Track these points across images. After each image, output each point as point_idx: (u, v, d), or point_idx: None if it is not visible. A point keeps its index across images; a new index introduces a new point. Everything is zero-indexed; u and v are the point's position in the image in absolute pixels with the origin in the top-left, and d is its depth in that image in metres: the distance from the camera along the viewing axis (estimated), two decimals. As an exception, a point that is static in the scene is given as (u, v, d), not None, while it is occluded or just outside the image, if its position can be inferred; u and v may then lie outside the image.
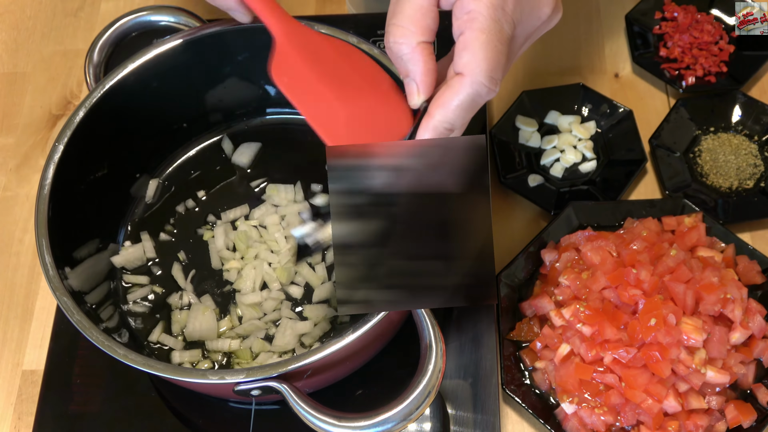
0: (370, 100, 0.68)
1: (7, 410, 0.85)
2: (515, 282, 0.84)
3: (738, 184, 0.91)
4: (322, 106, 0.67)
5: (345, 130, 0.66)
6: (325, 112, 0.67)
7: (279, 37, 0.71)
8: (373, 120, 0.67)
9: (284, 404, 0.63)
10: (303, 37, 0.72)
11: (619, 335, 0.75)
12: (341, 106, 0.67)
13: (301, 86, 0.69)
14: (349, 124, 0.67)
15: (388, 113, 0.67)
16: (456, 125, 0.61)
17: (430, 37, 0.62)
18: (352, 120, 0.67)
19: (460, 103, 0.60)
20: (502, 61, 0.60)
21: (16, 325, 0.90)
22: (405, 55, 0.62)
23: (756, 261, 0.82)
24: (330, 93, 0.68)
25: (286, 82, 0.69)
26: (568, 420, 0.76)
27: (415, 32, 0.61)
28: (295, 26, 0.72)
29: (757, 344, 0.77)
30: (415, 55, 0.61)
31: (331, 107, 0.67)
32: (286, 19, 0.72)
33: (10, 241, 0.96)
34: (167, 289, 0.85)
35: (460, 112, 0.60)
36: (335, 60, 0.71)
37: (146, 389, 0.80)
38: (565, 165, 0.93)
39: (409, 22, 0.61)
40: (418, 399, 0.61)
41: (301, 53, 0.70)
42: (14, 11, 1.15)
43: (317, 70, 0.69)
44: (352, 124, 0.67)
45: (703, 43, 0.99)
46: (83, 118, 0.78)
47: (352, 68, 0.71)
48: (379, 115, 0.67)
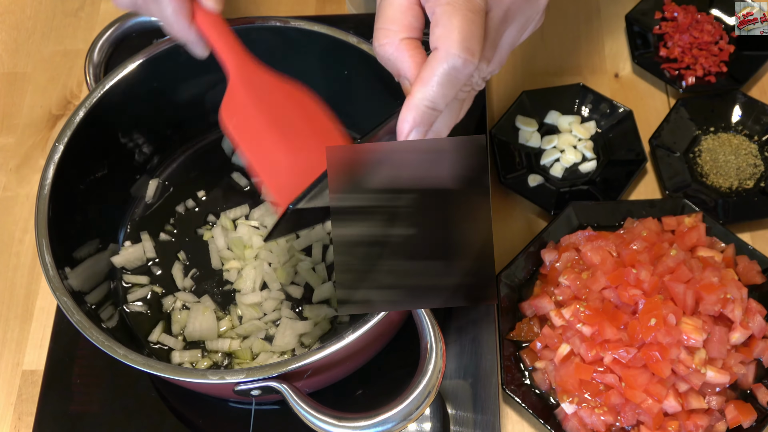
0: (312, 150, 0.68)
1: (7, 410, 0.85)
2: (515, 282, 0.84)
3: (738, 184, 0.91)
4: (266, 151, 0.68)
5: (287, 178, 0.67)
6: (268, 158, 0.68)
7: (233, 77, 0.72)
8: (314, 169, 0.65)
9: (284, 404, 0.63)
10: (257, 77, 0.72)
11: (619, 335, 0.75)
12: (284, 155, 0.68)
13: (248, 129, 0.70)
14: (291, 172, 0.68)
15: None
16: (438, 103, 0.59)
17: (415, 34, 0.61)
18: (293, 168, 0.68)
19: (439, 79, 0.58)
20: (476, 31, 0.58)
21: (16, 325, 0.90)
22: (391, 55, 0.61)
23: (756, 261, 0.82)
24: (274, 139, 0.69)
25: (234, 123, 0.70)
26: (568, 420, 0.76)
27: (397, 31, 0.60)
28: (251, 66, 0.73)
29: (757, 344, 0.77)
30: (401, 53, 0.60)
31: (274, 154, 0.68)
32: (244, 58, 0.73)
33: (10, 241, 0.96)
34: (167, 289, 0.85)
35: (440, 89, 0.58)
36: (284, 104, 0.71)
37: (146, 389, 0.80)
38: (565, 165, 0.93)
39: (390, 23, 0.61)
40: (418, 399, 0.61)
41: (252, 95, 0.71)
42: (14, 11, 1.15)
43: (265, 113, 0.70)
44: (293, 172, 0.68)
45: (703, 43, 0.99)
46: (83, 118, 0.78)
47: (300, 113, 0.71)
48: (321, 163, 0.65)
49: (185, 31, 0.73)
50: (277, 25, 0.82)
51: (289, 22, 0.82)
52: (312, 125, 0.71)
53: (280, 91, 0.72)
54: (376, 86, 0.81)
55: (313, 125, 0.71)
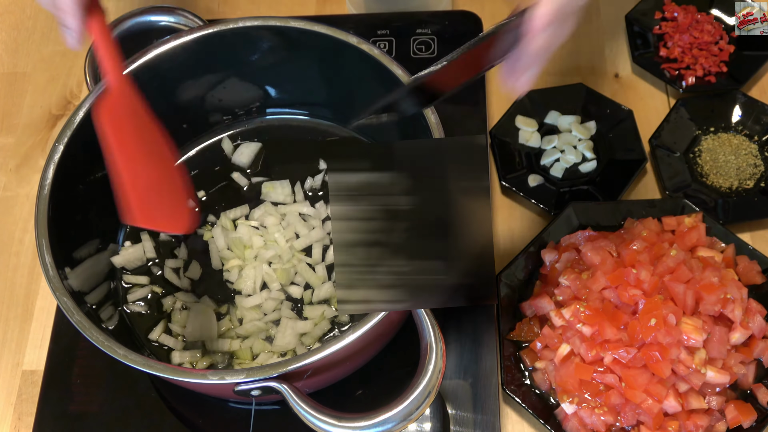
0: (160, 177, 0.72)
1: (7, 410, 0.85)
2: (515, 282, 0.84)
3: (738, 184, 0.91)
4: (130, 160, 0.70)
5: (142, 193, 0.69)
6: (132, 168, 0.69)
7: (113, 84, 0.72)
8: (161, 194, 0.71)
9: (284, 404, 0.63)
10: (130, 91, 0.73)
11: (619, 335, 0.75)
12: (143, 170, 0.70)
13: (121, 133, 0.71)
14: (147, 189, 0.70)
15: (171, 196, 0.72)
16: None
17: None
18: (148, 188, 0.70)
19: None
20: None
21: (16, 325, 0.90)
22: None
23: (756, 261, 0.82)
24: (138, 152, 0.71)
25: (108, 122, 0.71)
26: (568, 420, 0.76)
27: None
28: (126, 80, 0.73)
29: (757, 344, 0.77)
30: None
31: (136, 165, 0.70)
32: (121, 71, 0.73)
33: (10, 241, 0.96)
34: (167, 290, 0.85)
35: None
36: (144, 127, 0.73)
37: (146, 389, 0.80)
38: (565, 165, 0.93)
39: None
40: (418, 399, 0.61)
41: (126, 105, 0.72)
42: (14, 11, 1.15)
43: (134, 126, 0.72)
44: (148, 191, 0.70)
45: (703, 43, 0.99)
46: (83, 118, 0.78)
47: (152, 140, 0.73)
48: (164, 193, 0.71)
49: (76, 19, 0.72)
50: (277, 25, 0.82)
51: (289, 22, 0.82)
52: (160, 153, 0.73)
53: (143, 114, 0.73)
54: (376, 86, 0.81)
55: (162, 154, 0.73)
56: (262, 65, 0.88)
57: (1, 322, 0.90)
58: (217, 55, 0.85)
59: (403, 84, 0.71)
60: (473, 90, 0.92)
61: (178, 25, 0.84)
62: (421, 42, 0.97)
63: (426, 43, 0.97)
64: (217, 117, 0.93)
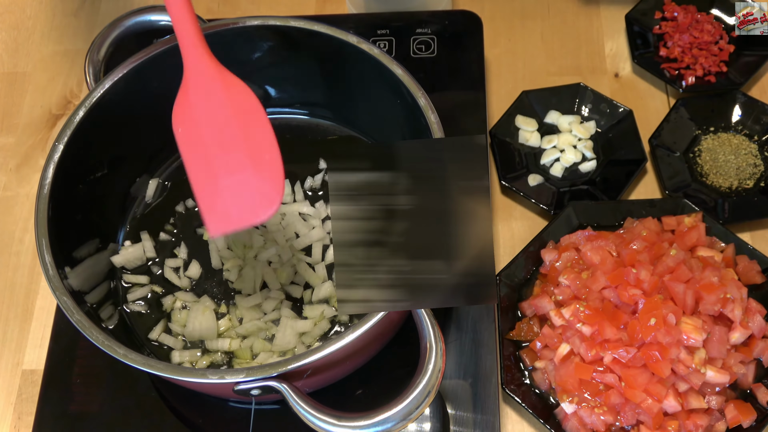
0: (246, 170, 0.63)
1: (7, 410, 0.85)
2: (515, 282, 0.84)
3: (738, 184, 0.91)
4: (206, 170, 0.63)
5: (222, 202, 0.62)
6: (207, 179, 0.63)
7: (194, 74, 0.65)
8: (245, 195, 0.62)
9: (284, 404, 0.63)
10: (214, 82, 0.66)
11: (618, 335, 0.75)
12: (219, 176, 0.63)
13: (191, 141, 0.64)
14: (225, 197, 0.63)
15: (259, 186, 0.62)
16: None
17: None
18: (226, 193, 0.63)
19: None
20: None
21: (16, 325, 0.90)
22: None
23: (756, 261, 0.82)
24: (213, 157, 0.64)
25: (181, 133, 0.65)
26: (568, 420, 0.76)
27: None
28: (214, 63, 0.66)
29: (757, 344, 0.77)
30: None
31: (213, 174, 0.63)
32: (207, 53, 0.66)
33: (10, 241, 0.96)
34: (167, 289, 0.85)
35: None
36: (232, 115, 0.66)
37: (146, 389, 0.80)
38: (565, 165, 0.93)
39: None
40: (418, 399, 0.61)
41: (204, 101, 0.65)
42: (14, 11, 1.15)
43: (213, 125, 0.65)
44: (226, 197, 0.63)
45: (703, 43, 0.99)
46: (83, 118, 0.78)
47: (242, 128, 0.65)
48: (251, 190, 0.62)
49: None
50: (277, 24, 0.82)
51: (289, 21, 0.82)
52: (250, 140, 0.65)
53: (230, 101, 0.66)
54: (376, 86, 0.81)
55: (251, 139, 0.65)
56: (262, 65, 0.88)
57: (1, 321, 0.90)
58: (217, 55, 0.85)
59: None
60: (473, 90, 0.92)
61: (178, 24, 0.84)
62: (421, 42, 0.97)
63: (426, 43, 0.97)
64: (217, 117, 0.93)
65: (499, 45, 1.05)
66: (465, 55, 0.95)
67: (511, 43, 1.05)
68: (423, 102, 0.75)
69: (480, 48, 0.95)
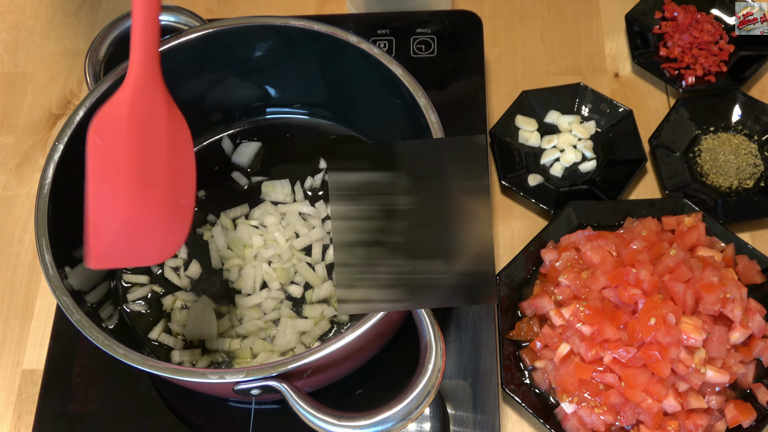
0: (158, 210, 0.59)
1: (7, 410, 0.85)
2: (515, 282, 0.84)
3: (738, 183, 0.91)
4: (109, 195, 0.59)
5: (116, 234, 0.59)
6: (110, 204, 0.59)
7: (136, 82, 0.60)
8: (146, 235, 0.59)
9: (284, 404, 0.63)
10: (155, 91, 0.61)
11: (618, 335, 0.75)
12: (125, 208, 0.59)
13: (107, 158, 0.59)
14: (123, 230, 0.59)
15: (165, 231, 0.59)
16: None
17: None
18: (126, 226, 0.59)
19: None
20: None
21: (16, 324, 0.90)
22: None
23: (756, 261, 0.82)
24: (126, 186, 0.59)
25: (98, 145, 0.59)
26: (568, 419, 0.76)
27: None
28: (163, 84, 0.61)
29: (757, 344, 0.77)
30: None
31: (116, 203, 0.59)
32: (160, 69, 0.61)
33: (10, 240, 0.96)
34: (167, 289, 0.85)
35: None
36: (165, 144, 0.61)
37: (146, 389, 0.80)
38: (565, 165, 0.93)
39: None
40: (417, 398, 0.61)
41: (147, 119, 0.60)
42: (14, 11, 1.15)
43: (141, 148, 0.60)
44: (124, 230, 0.59)
45: (703, 43, 0.99)
46: (83, 118, 0.78)
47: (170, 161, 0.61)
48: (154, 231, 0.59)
49: None
50: (277, 24, 0.82)
51: (289, 21, 0.82)
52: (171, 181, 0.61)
53: (169, 128, 0.62)
54: (376, 86, 0.81)
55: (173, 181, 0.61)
56: (262, 65, 0.88)
57: (1, 321, 0.90)
58: (217, 55, 0.85)
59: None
60: (473, 90, 0.92)
61: (178, 24, 0.84)
62: (421, 41, 0.97)
63: (426, 43, 0.97)
64: (217, 116, 0.93)
65: (499, 45, 1.05)
66: (465, 55, 0.95)
67: (511, 43, 1.05)
68: (423, 102, 0.75)
69: (480, 48, 0.95)
